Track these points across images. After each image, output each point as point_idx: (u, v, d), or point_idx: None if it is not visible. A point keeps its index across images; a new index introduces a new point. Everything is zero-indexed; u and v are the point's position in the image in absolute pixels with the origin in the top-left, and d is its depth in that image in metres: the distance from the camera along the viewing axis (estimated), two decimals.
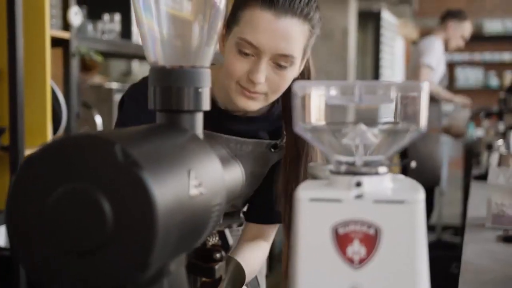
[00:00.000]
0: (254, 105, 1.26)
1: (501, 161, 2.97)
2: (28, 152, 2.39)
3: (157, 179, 0.61)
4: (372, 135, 0.72)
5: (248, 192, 1.41)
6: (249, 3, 1.21)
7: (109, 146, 0.61)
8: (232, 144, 1.34)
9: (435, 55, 4.24)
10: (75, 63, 2.67)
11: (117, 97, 3.09)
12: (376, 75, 7.35)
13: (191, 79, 0.81)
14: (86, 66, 3.34)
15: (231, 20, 1.25)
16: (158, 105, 0.82)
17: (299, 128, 0.72)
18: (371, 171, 0.70)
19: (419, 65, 4.30)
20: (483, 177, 2.92)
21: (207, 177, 0.73)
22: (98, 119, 2.93)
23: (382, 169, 0.71)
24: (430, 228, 5.71)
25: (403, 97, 0.71)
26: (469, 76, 9.95)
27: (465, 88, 10.00)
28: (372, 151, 0.72)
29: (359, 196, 0.68)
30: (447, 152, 6.24)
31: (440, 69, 4.34)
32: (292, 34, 1.20)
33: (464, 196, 5.02)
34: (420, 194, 0.68)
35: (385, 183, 0.71)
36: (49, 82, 2.48)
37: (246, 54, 1.22)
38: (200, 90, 0.82)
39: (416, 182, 0.75)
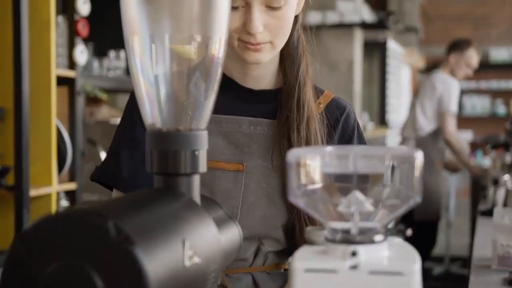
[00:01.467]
0: (263, 57, 1.18)
1: (508, 196, 2.95)
2: (33, 192, 2.39)
3: (150, 254, 0.61)
4: (368, 203, 0.71)
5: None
6: None
7: (102, 222, 0.61)
8: (245, 126, 1.24)
9: (457, 98, 4.24)
10: (80, 102, 2.68)
11: None
12: (382, 104, 7.36)
13: (188, 142, 0.81)
14: (94, 99, 3.37)
15: None
16: (155, 168, 0.82)
17: (293, 195, 0.72)
18: (367, 240, 0.70)
19: (444, 111, 4.25)
20: (490, 212, 2.90)
21: (202, 245, 0.72)
22: (103, 156, 2.94)
23: (378, 237, 0.71)
24: (438, 260, 5.67)
25: (398, 165, 0.71)
26: (476, 104, 9.95)
27: (472, 116, 10.01)
28: (368, 217, 0.72)
29: (354, 267, 0.68)
30: (454, 183, 6.22)
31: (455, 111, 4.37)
32: None
33: (471, 229, 4.98)
34: (417, 264, 0.68)
35: (381, 251, 0.70)
36: (55, 121, 2.49)
37: (236, 8, 1.15)
38: (196, 152, 0.82)
39: (412, 248, 0.74)
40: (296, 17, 1.24)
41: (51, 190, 2.51)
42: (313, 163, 0.72)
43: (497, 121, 9.85)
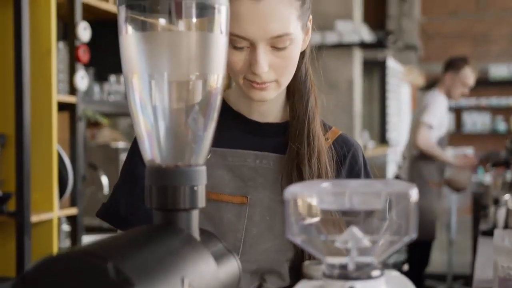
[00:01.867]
0: (268, 95, 1.18)
1: (509, 216, 2.96)
2: (34, 218, 2.40)
3: None
4: (365, 239, 0.72)
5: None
6: None
7: (101, 263, 0.62)
8: (251, 159, 1.24)
9: (437, 113, 4.24)
10: (81, 127, 2.70)
11: (123, 157, 3.11)
12: (382, 123, 7.37)
13: (187, 178, 0.82)
14: (95, 122, 3.39)
15: None
16: (154, 203, 0.83)
17: (290, 232, 0.73)
18: (364, 275, 0.71)
19: (419, 121, 4.31)
20: (491, 232, 2.89)
21: (201, 282, 0.73)
22: (104, 180, 2.95)
23: (375, 273, 0.71)
24: (441, 278, 5.65)
25: (393, 201, 0.72)
26: (476, 121, 9.97)
27: (472, 133, 10.02)
28: (365, 252, 0.73)
29: None
30: (456, 200, 6.22)
31: (442, 128, 4.34)
32: (278, 11, 1.11)
33: (473, 247, 4.97)
34: None
35: (379, 287, 0.71)
36: (56, 147, 2.51)
37: (242, 48, 1.14)
38: (195, 188, 0.83)
39: (409, 282, 0.75)
40: (303, 52, 1.24)
41: (52, 215, 2.52)
42: (310, 200, 0.73)
43: (497, 137, 9.86)
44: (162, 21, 0.83)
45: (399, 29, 9.60)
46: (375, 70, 7.25)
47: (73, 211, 2.71)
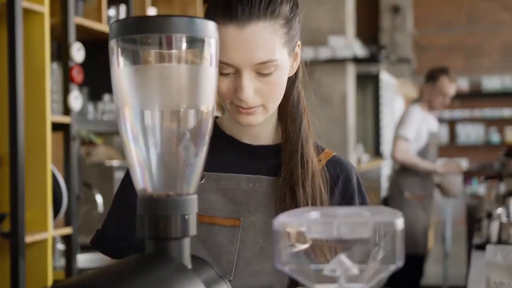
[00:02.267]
0: (255, 119, 1.19)
1: (502, 230, 2.97)
2: (28, 238, 2.40)
3: None
4: (353, 266, 0.74)
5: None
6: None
7: None
8: (244, 183, 1.25)
9: (413, 125, 4.24)
10: (75, 147, 2.71)
11: (118, 175, 3.12)
12: (376, 136, 7.40)
13: (178, 207, 0.84)
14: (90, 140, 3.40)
15: None
16: (146, 232, 0.84)
17: (279, 261, 0.74)
18: None
19: (395, 135, 4.34)
20: (484, 246, 2.91)
21: None
22: (99, 199, 2.95)
23: None
24: None
25: (380, 231, 0.73)
26: (470, 133, 10.01)
27: (466, 145, 10.06)
28: (353, 279, 0.74)
29: None
30: (450, 212, 6.24)
31: (421, 140, 4.32)
32: (263, 39, 1.13)
33: (468, 259, 4.99)
34: None
35: None
36: (50, 167, 2.52)
37: (228, 74, 1.15)
38: (187, 217, 0.84)
39: None
40: (295, 75, 1.26)
41: (47, 235, 2.52)
42: (298, 230, 0.74)
43: (491, 149, 9.91)
44: (153, 55, 0.85)
45: (392, 42, 9.65)
46: (368, 83, 7.29)
47: (67, 230, 2.71)
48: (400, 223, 0.73)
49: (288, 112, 1.27)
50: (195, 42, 0.84)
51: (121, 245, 1.25)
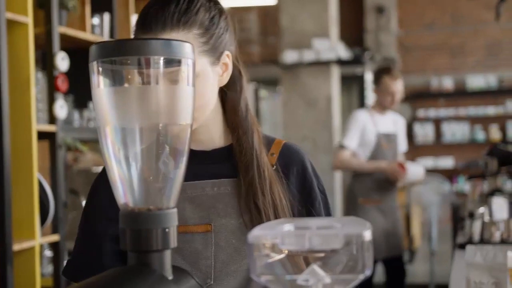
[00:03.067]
0: None
1: (484, 229, 3.02)
2: (16, 246, 2.43)
3: None
4: (325, 276, 0.78)
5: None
6: (136, 34, 1.21)
7: None
8: (209, 188, 1.28)
9: (355, 131, 4.18)
10: (61, 154, 2.73)
11: None
12: None
13: (159, 221, 0.88)
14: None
15: None
16: (129, 246, 0.88)
17: (254, 273, 0.78)
18: None
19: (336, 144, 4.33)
20: (467, 245, 2.95)
21: None
22: None
23: None
24: None
25: (350, 241, 0.77)
26: (455, 131, 10.08)
27: (452, 143, 10.15)
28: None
29: None
30: (436, 211, 6.30)
31: (369, 143, 4.27)
32: None
33: (453, 258, 5.05)
34: None
35: None
36: (36, 176, 2.54)
37: None
38: (167, 230, 0.88)
39: None
40: (240, 87, 1.29)
41: (34, 243, 2.54)
42: (272, 242, 0.78)
43: (476, 146, 9.99)
44: (132, 76, 0.89)
45: (376, 42, 9.72)
46: (353, 84, 7.35)
47: (55, 237, 2.74)
48: (368, 234, 0.77)
49: (238, 125, 1.30)
50: (172, 63, 0.87)
51: (93, 273, 1.27)
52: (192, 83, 0.90)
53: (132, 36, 1.25)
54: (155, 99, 0.87)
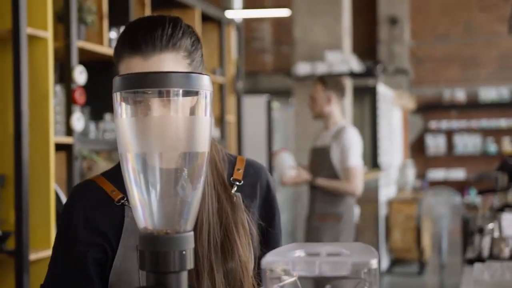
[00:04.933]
0: None
1: (493, 245, 3.04)
2: (32, 256, 2.48)
3: None
4: None
5: None
6: (120, 54, 1.24)
7: None
8: None
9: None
10: (77, 166, 2.79)
11: None
12: (374, 148, 7.48)
13: (176, 244, 0.92)
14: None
15: None
16: (147, 267, 0.93)
17: None
18: None
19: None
20: (476, 260, 2.97)
21: None
22: None
23: None
24: None
25: (358, 268, 0.81)
26: (467, 143, 10.09)
27: (464, 155, 10.15)
28: None
29: None
30: (446, 224, 6.31)
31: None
32: (165, 67, 1.21)
33: (462, 272, 5.05)
34: None
35: None
36: (53, 186, 2.60)
37: None
38: (184, 252, 0.93)
39: None
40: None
41: (50, 253, 2.60)
42: (284, 268, 0.83)
43: (488, 159, 9.99)
44: (153, 107, 0.94)
45: (389, 53, 9.75)
46: (365, 96, 7.37)
47: None
48: (375, 262, 0.81)
49: None
50: (191, 94, 0.92)
51: None
52: (210, 113, 0.95)
53: (113, 54, 1.27)
54: (175, 128, 0.92)
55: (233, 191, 1.32)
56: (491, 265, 2.17)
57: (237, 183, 1.34)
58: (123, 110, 0.92)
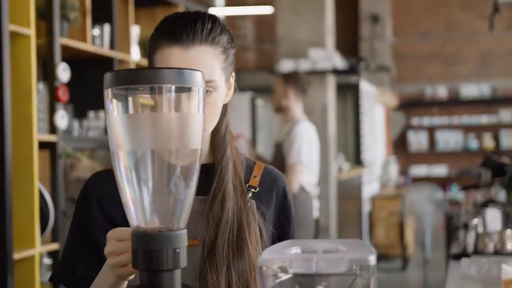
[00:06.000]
0: None
1: (478, 240, 3.06)
2: (16, 255, 2.45)
3: None
4: None
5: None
6: (158, 44, 1.24)
7: None
8: (196, 204, 1.25)
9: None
10: (61, 164, 2.76)
11: None
12: (357, 144, 7.50)
13: (169, 242, 0.91)
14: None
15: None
16: (140, 265, 0.91)
17: None
18: None
19: None
20: (461, 256, 2.99)
21: None
22: None
23: None
24: None
25: (355, 267, 0.81)
26: (449, 140, 10.15)
27: (445, 151, 10.21)
28: None
29: None
30: (430, 220, 6.35)
31: None
32: (204, 60, 1.22)
33: (446, 266, 5.08)
34: None
35: None
36: (37, 185, 2.57)
37: None
38: (177, 250, 0.92)
39: None
40: (225, 111, 1.33)
41: (34, 252, 2.57)
42: (281, 265, 0.82)
43: (470, 155, 10.06)
44: (144, 103, 0.93)
45: (371, 51, 9.78)
46: (348, 93, 7.39)
47: (54, 246, 2.77)
48: (373, 258, 0.80)
49: (216, 145, 1.32)
50: (183, 90, 0.91)
51: (86, 278, 1.24)
52: (202, 110, 0.93)
53: (148, 43, 1.28)
54: (167, 125, 0.91)
55: (247, 197, 1.31)
56: (477, 260, 2.18)
57: (252, 190, 1.33)
58: (114, 107, 0.90)
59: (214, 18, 1.26)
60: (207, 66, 1.22)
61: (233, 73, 1.33)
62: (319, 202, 4.40)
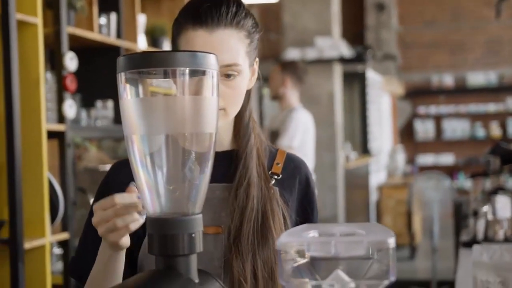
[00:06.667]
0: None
1: (488, 228, 3.05)
2: (27, 244, 2.46)
3: None
4: (350, 281, 0.80)
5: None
6: (182, 27, 1.23)
7: None
8: (219, 192, 1.28)
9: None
10: (70, 153, 2.76)
11: None
12: (364, 133, 7.48)
13: (185, 227, 0.91)
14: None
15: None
16: (156, 250, 0.91)
17: (283, 278, 0.81)
18: None
19: None
20: (471, 244, 2.97)
21: None
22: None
23: None
24: (425, 285, 5.76)
25: (374, 248, 0.80)
26: (455, 128, 10.12)
27: (452, 140, 10.18)
28: None
29: None
30: (437, 208, 6.33)
31: None
32: (229, 44, 1.21)
33: (455, 254, 5.07)
34: None
35: None
36: (46, 175, 2.57)
37: None
38: (193, 235, 0.91)
39: None
40: (248, 96, 1.32)
41: (45, 241, 2.57)
42: (299, 249, 0.81)
43: (476, 143, 10.03)
44: (158, 87, 0.92)
45: (377, 39, 9.74)
46: (355, 82, 7.37)
47: (64, 235, 2.77)
48: (392, 241, 0.79)
49: (239, 131, 1.32)
50: (197, 74, 0.90)
51: None
52: (217, 93, 0.92)
53: (172, 27, 1.27)
54: (181, 109, 0.90)
55: (271, 184, 1.30)
56: (489, 247, 2.16)
57: (275, 177, 1.32)
58: (127, 91, 0.90)
59: (239, 2, 1.25)
60: (231, 50, 1.22)
61: (257, 59, 1.32)
62: (327, 192, 4.41)
